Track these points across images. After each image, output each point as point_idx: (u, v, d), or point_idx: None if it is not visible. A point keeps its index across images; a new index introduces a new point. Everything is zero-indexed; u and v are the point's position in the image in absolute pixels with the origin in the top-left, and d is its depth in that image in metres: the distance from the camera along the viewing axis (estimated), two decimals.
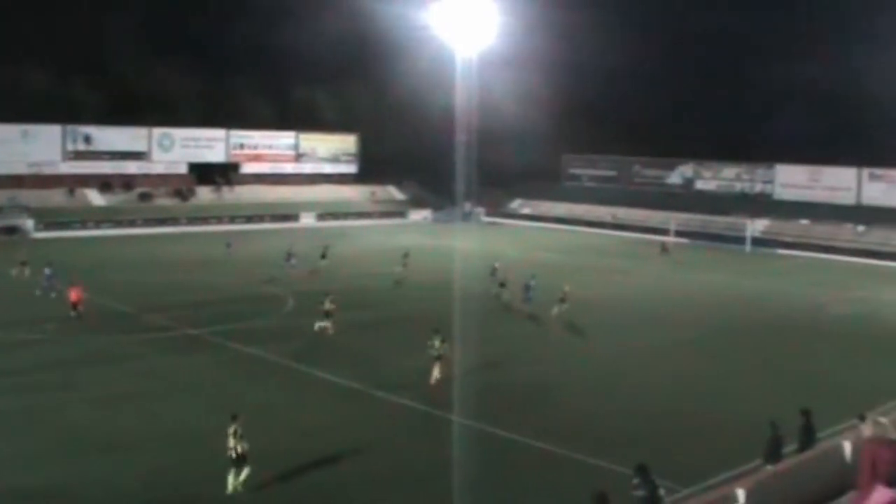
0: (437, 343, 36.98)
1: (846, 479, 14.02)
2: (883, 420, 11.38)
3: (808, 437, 23.30)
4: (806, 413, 24.76)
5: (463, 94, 71.71)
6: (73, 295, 49.02)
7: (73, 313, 48.44)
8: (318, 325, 45.80)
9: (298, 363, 39.58)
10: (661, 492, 19.13)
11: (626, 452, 27.78)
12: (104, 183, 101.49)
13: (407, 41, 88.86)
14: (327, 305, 46.10)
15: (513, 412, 33.09)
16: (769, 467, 21.18)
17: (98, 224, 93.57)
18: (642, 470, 19.01)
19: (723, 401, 35.83)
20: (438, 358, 36.63)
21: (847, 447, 15.99)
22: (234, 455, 25.19)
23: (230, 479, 25.20)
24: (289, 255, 67.47)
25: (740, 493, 14.38)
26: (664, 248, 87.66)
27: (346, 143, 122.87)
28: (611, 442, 29.82)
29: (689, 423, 32.38)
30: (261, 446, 28.65)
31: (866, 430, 11.34)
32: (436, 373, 36.33)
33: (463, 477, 25.51)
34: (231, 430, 25.41)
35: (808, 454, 18.12)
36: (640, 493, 19.08)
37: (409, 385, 36.09)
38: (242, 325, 47.51)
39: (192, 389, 35.49)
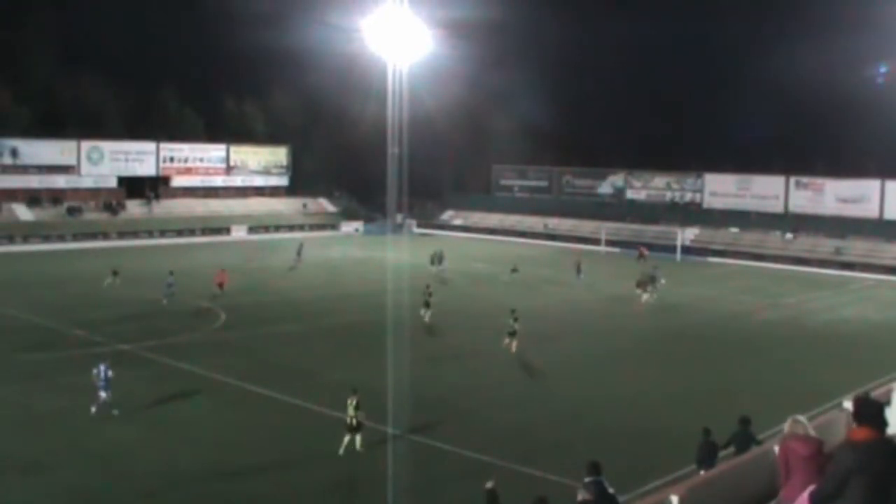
0: (511, 321, 45.99)
1: (776, 482, 14.13)
2: (801, 418, 11.47)
3: (747, 445, 23.28)
4: (745, 421, 24.83)
5: (394, 106, 71.53)
6: (220, 277, 61.40)
7: (218, 291, 60.18)
8: (423, 312, 53.37)
9: (230, 378, 39.16)
10: (611, 490, 18.82)
11: (558, 461, 27.97)
12: (32, 197, 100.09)
13: (337, 53, 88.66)
14: (430, 293, 55.06)
15: (445, 423, 33.05)
16: (702, 472, 21.31)
17: (26, 239, 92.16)
18: (595, 468, 18.51)
19: (655, 408, 36.02)
20: (513, 333, 45.63)
21: (777, 450, 16.12)
22: (353, 423, 29.60)
23: (345, 441, 29.47)
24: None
25: (674, 499, 14.44)
26: (641, 254, 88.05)
27: (277, 155, 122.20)
28: (543, 451, 29.94)
29: (621, 431, 32.50)
30: (188, 461, 28.59)
31: (785, 427, 11.43)
32: (512, 346, 45.45)
33: (398, 487, 25.46)
34: (353, 402, 29.70)
35: (740, 458, 18.26)
36: (586, 494, 18.64)
37: (338, 398, 35.87)
38: (174, 340, 46.96)
39: (120, 406, 34.95)
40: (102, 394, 33.29)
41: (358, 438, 29.71)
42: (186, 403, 35.65)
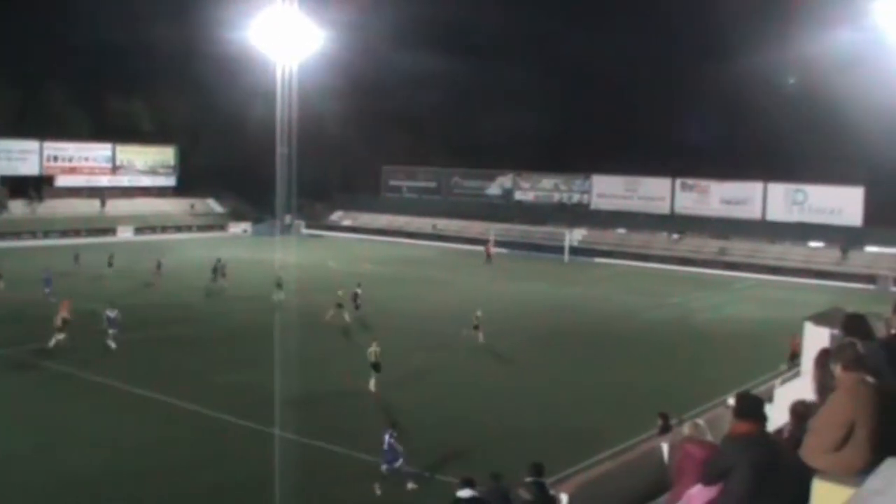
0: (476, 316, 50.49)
1: (665, 479, 14.32)
2: (700, 422, 11.69)
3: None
4: (664, 416, 25.01)
5: (283, 106, 71.08)
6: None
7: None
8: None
9: (114, 381, 38.49)
10: (552, 491, 18.46)
11: (446, 460, 28.08)
12: None
13: (226, 51, 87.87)
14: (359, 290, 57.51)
15: (332, 424, 32.91)
16: (589, 471, 21.45)
17: None
18: (537, 469, 17.94)
19: (542, 408, 36.26)
20: (476, 327, 49.26)
21: (665, 449, 16.35)
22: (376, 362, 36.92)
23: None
24: None
25: (563, 497, 14.57)
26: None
27: (164, 154, 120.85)
28: (430, 451, 29.90)
29: (509, 431, 32.61)
30: (75, 467, 28.06)
31: (685, 430, 11.63)
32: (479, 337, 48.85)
33: (286, 490, 25.29)
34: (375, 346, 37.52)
35: (628, 456, 18.45)
36: (527, 496, 18.20)
37: (230, 401, 35.60)
38: (59, 344, 46.02)
39: (8, 413, 34.27)
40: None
41: (372, 380, 36.32)
42: (75, 408, 34.98)
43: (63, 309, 46.69)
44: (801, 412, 9.66)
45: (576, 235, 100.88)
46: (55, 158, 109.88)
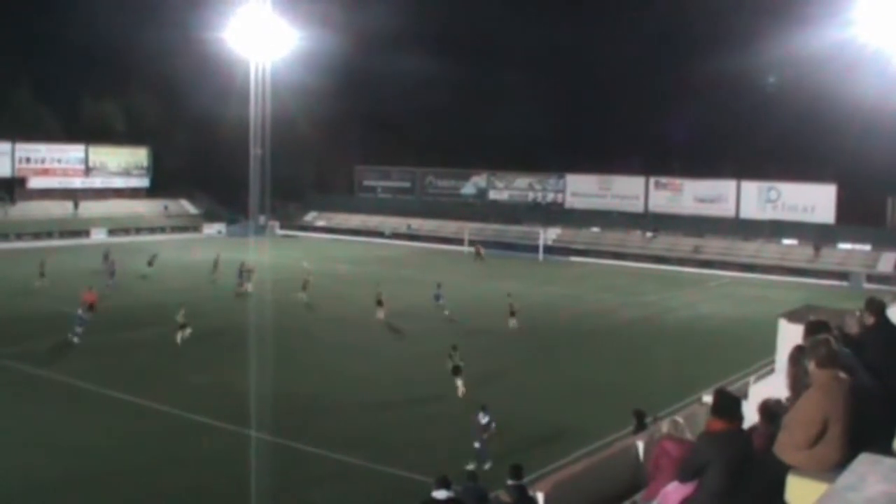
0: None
1: (640, 477, 14.37)
2: (680, 420, 11.70)
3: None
4: (639, 414, 25.03)
5: (256, 106, 71.10)
6: None
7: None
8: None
9: (89, 383, 38.23)
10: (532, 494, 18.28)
11: (421, 459, 28.02)
12: None
13: (199, 51, 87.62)
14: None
15: (307, 424, 32.79)
16: (564, 469, 21.47)
17: None
18: (517, 472, 17.74)
19: (518, 406, 36.19)
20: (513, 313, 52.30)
21: (640, 446, 16.40)
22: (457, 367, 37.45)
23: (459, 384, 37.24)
24: None
25: (539, 496, 14.59)
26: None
27: (137, 156, 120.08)
28: (406, 449, 29.87)
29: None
30: (44, 469, 27.84)
31: (664, 427, 11.65)
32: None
33: (261, 492, 25.22)
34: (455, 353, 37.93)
35: (603, 454, 18.46)
36: (507, 499, 17.93)
37: (201, 401, 35.40)
38: (33, 346, 45.51)
39: None
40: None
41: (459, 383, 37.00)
42: (43, 410, 34.73)
43: (87, 297, 50.54)
44: (769, 411, 9.68)
45: (550, 234, 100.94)
46: (28, 160, 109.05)
